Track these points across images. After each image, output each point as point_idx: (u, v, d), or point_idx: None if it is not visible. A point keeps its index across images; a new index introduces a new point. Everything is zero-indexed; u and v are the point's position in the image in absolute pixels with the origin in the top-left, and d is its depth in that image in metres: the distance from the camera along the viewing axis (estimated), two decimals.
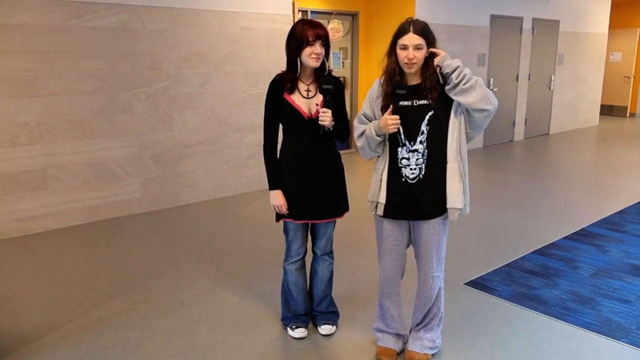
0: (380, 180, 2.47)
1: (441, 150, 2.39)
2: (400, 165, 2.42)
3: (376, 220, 2.59)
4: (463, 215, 2.44)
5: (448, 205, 2.40)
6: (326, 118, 2.52)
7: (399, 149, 2.42)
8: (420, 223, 2.47)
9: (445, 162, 2.39)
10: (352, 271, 3.78)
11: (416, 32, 2.29)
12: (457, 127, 2.38)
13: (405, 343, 2.76)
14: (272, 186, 2.70)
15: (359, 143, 2.50)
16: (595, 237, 4.49)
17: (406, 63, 2.32)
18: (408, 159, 2.40)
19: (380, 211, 2.47)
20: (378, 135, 2.39)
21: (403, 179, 2.42)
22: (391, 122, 2.31)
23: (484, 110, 2.29)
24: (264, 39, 5.80)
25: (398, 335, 2.73)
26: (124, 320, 3.10)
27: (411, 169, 2.40)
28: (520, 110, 9.58)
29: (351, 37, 8.02)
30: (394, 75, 2.39)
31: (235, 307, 3.27)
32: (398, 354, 2.72)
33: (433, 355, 2.70)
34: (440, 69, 2.33)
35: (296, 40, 2.52)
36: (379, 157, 2.51)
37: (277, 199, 2.68)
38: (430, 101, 2.35)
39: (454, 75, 2.29)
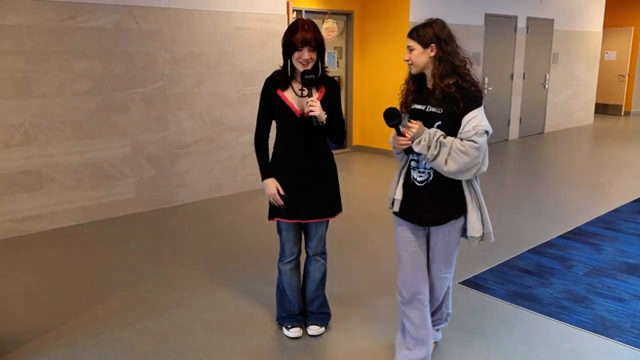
0: (399, 180, 2.50)
1: None
2: (410, 167, 2.45)
3: (394, 224, 2.58)
4: (486, 242, 2.50)
5: (468, 234, 2.44)
6: (314, 105, 2.48)
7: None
8: (433, 229, 2.48)
9: None
10: (347, 271, 3.78)
11: (407, 35, 2.45)
12: None
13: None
14: (265, 175, 2.70)
15: None
16: (589, 236, 4.50)
17: (407, 62, 2.42)
18: (417, 161, 2.41)
19: (397, 207, 2.49)
20: (395, 148, 2.44)
21: (411, 181, 2.44)
22: (397, 143, 2.36)
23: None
24: (258, 38, 5.80)
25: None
26: (120, 321, 3.10)
27: (419, 172, 2.41)
28: (515, 109, 9.60)
29: (346, 37, 8.02)
30: (409, 82, 2.48)
31: (230, 306, 3.27)
32: None
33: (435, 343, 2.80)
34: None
35: (286, 43, 2.56)
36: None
37: (270, 187, 2.68)
38: (441, 110, 2.32)
39: (420, 152, 2.30)
